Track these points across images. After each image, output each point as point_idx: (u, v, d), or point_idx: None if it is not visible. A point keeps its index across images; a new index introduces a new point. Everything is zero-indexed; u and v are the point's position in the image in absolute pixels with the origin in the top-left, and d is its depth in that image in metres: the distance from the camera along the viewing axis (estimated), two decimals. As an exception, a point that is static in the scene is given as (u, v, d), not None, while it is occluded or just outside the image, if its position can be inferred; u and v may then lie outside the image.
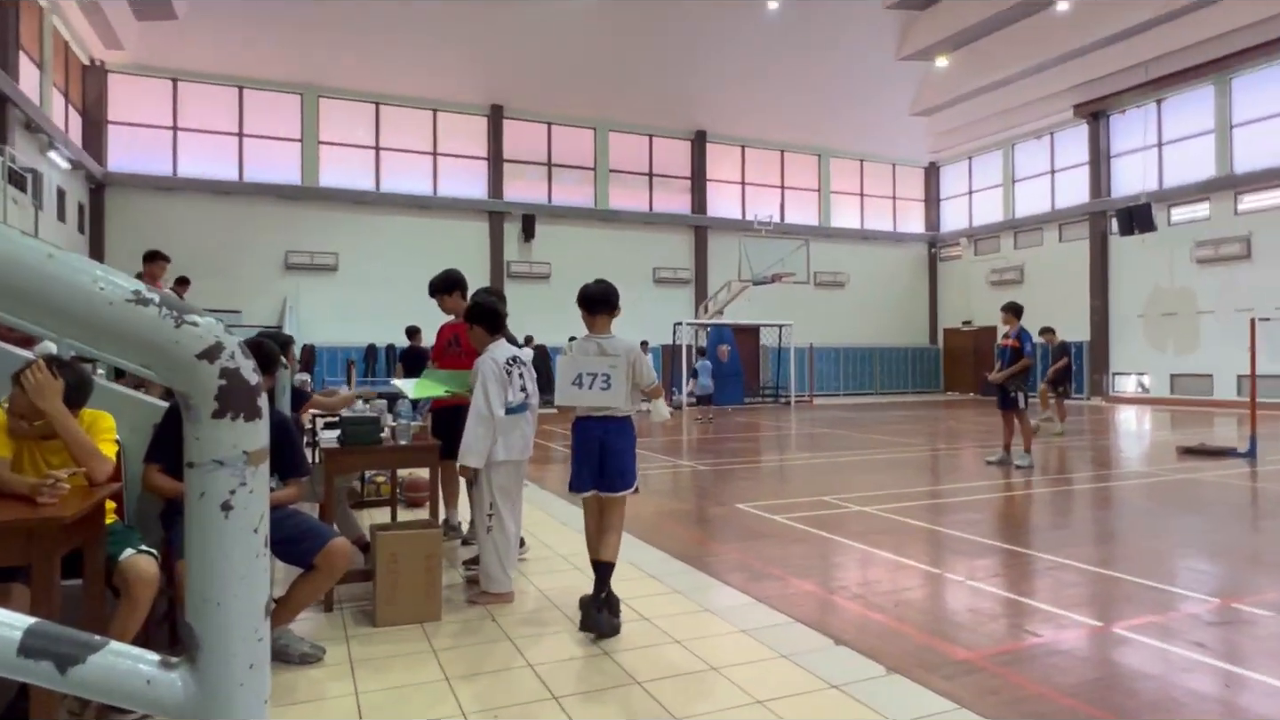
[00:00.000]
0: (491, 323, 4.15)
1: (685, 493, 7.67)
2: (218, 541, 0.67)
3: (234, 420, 0.67)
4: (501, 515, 4.00)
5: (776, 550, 5.17)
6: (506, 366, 4.04)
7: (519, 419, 4.08)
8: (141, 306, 0.64)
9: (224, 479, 0.67)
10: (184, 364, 0.66)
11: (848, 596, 4.17)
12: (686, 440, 12.86)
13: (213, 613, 0.67)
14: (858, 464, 9.30)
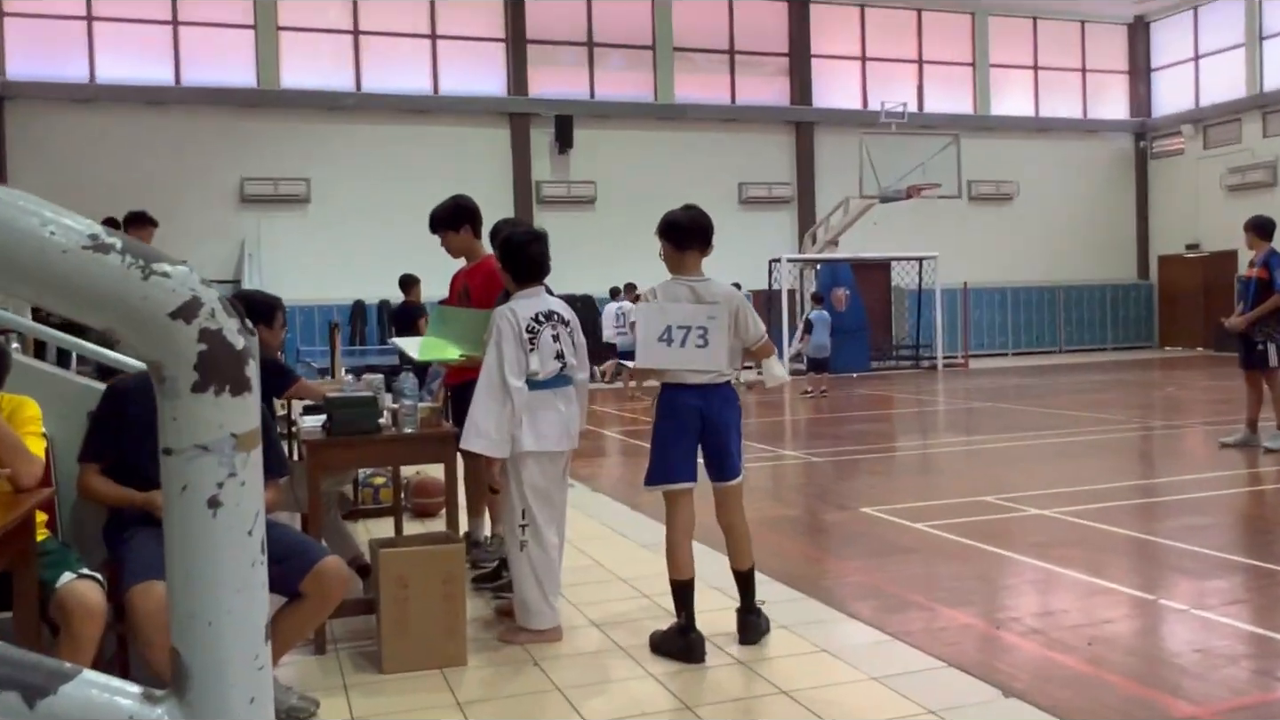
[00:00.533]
0: (523, 268, 4.19)
1: (792, 493, 7.73)
2: (206, 546, 0.73)
3: (218, 395, 0.73)
4: (538, 526, 4.06)
5: (919, 569, 5.19)
6: (531, 324, 4.06)
7: (553, 396, 4.09)
8: (101, 254, 0.70)
9: (210, 468, 0.73)
10: (154, 325, 0.72)
11: (1021, 631, 4.16)
12: (791, 421, 12.88)
13: (203, 634, 0.73)
14: (1033, 450, 9.19)
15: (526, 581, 4.06)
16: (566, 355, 4.15)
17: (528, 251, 4.18)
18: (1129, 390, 14.77)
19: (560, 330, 4.16)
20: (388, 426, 4.24)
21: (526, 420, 4.01)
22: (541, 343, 4.07)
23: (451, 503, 4.27)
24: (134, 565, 3.14)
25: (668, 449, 3.92)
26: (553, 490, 4.11)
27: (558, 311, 4.22)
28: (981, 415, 12.51)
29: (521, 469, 4.04)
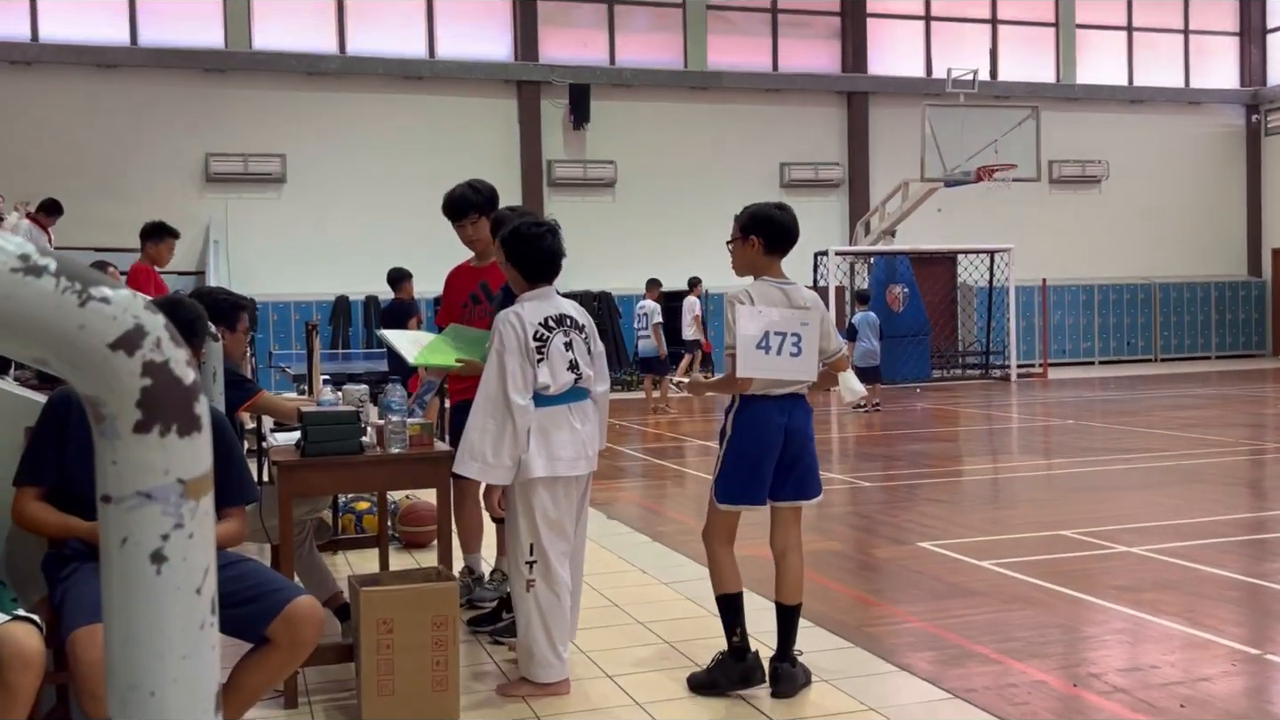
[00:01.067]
0: (535, 265, 4.17)
1: (836, 524, 7.72)
2: (148, 607, 0.75)
3: (164, 435, 0.75)
4: (548, 563, 4.07)
5: (986, 616, 5.18)
6: (540, 330, 4.08)
7: (567, 412, 4.11)
8: (33, 277, 0.72)
9: (153, 519, 0.75)
10: (92, 357, 0.74)
11: (1103, 690, 4.15)
12: (838, 439, 12.86)
13: (144, 706, 0.75)
14: (1122, 477, 9.14)
15: (532, 626, 4.07)
16: (581, 365, 4.16)
17: (541, 245, 4.19)
18: (1236, 407, 14.65)
19: (574, 337, 4.17)
20: (372, 446, 4.28)
21: (536, 441, 4.01)
22: (552, 352, 4.08)
23: (444, 533, 4.30)
24: (77, 606, 3.18)
25: (751, 468, 4.13)
26: (566, 521, 4.12)
27: (570, 315, 4.22)
28: (1062, 434, 12.45)
29: (531, 497, 4.05)
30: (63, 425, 3.47)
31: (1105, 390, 17.71)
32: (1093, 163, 23.19)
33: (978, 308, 21.25)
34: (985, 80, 20.66)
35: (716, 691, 4.14)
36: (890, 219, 19.60)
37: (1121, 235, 23.35)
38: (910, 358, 18.88)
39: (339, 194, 19.19)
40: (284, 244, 18.90)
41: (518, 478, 4.04)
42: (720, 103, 21.15)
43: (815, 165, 21.65)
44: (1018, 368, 20.01)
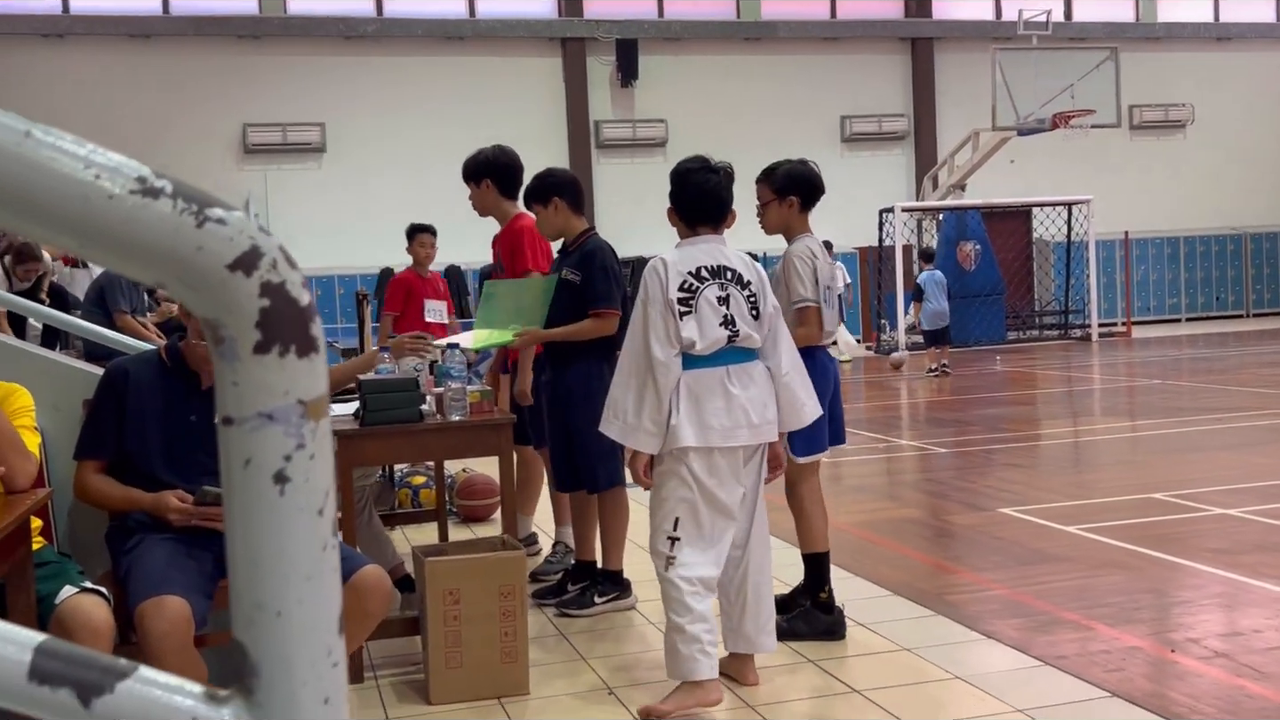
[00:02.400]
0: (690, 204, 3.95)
1: (910, 490, 7.71)
2: (273, 528, 0.78)
3: (283, 356, 0.78)
4: (697, 547, 3.73)
5: (1073, 581, 5.16)
6: (689, 279, 3.79)
7: (723, 375, 3.78)
8: (151, 199, 0.76)
9: (275, 440, 0.78)
10: (211, 278, 0.77)
11: (1202, 655, 4.12)
12: (908, 404, 12.81)
13: (271, 626, 0.79)
14: (1214, 437, 9.02)
15: (672, 614, 3.73)
16: (739, 323, 3.82)
17: (692, 180, 3.93)
18: (1336, 362, 14.37)
19: (733, 291, 3.83)
20: (431, 414, 4.34)
21: (686, 407, 3.72)
22: (701, 304, 3.77)
23: (508, 502, 4.35)
24: (143, 578, 3.27)
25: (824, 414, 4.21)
26: (725, 497, 3.77)
27: (733, 268, 3.88)
28: (1147, 395, 12.30)
29: (680, 468, 3.74)
30: (120, 398, 3.56)
31: (1193, 348, 17.44)
32: (1176, 106, 22.74)
33: (1055, 264, 20.98)
34: (1059, 21, 20.31)
35: (787, 639, 4.31)
36: (960, 172, 19.38)
37: (1208, 183, 22.90)
38: (983, 319, 18.70)
39: (380, 162, 19.33)
40: (326, 215, 19.09)
41: (666, 445, 3.74)
42: (775, 54, 20.99)
43: (878, 118, 21.44)
44: (1099, 327, 19.75)
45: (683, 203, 3.96)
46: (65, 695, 0.77)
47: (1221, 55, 23.16)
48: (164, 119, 18.61)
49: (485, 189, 5.47)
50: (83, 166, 0.75)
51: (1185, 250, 22.91)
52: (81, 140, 0.77)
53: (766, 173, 4.63)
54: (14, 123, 0.77)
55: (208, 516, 3.42)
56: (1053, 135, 18.76)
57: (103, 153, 0.77)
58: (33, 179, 0.75)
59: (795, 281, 4.43)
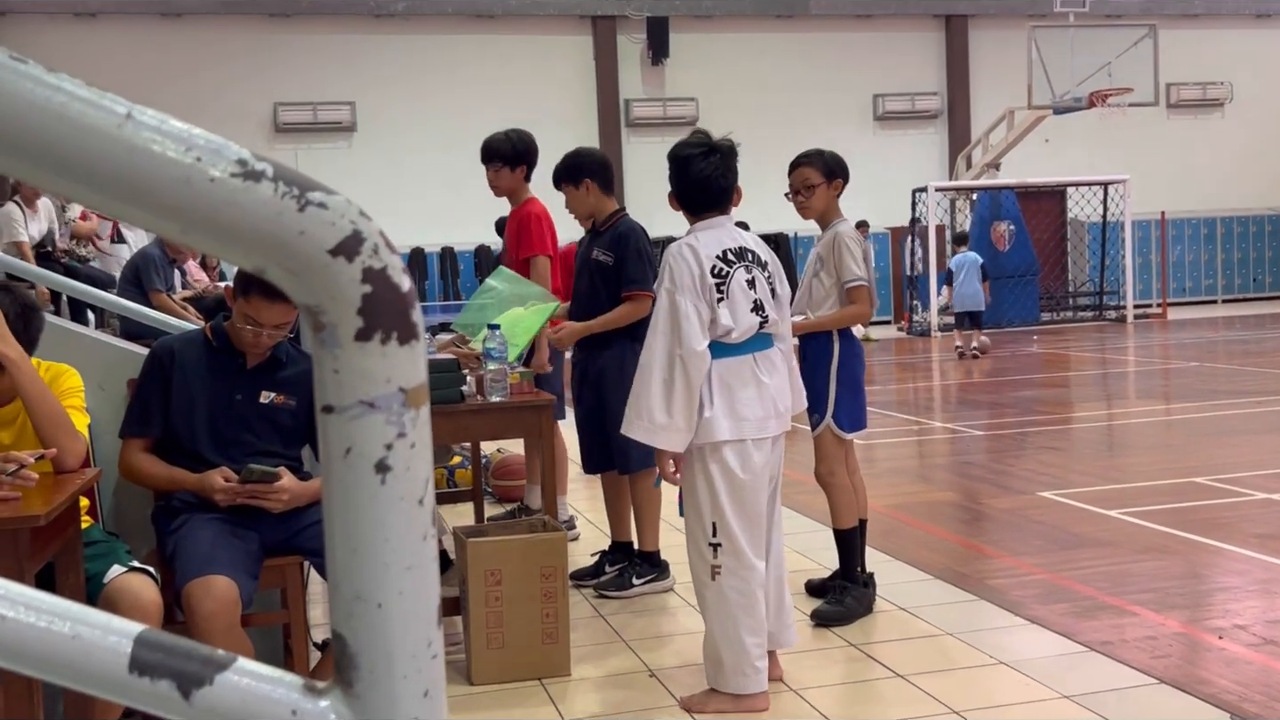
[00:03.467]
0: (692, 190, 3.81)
1: (945, 473, 7.68)
2: (374, 517, 0.77)
3: (385, 343, 0.76)
4: (738, 545, 3.58)
5: (1116, 566, 5.13)
6: (719, 263, 3.65)
7: (752, 363, 3.68)
8: (253, 183, 0.74)
9: (377, 428, 0.77)
10: (313, 264, 0.76)
11: (1250, 642, 4.09)
12: (940, 386, 12.74)
13: (372, 618, 0.78)
14: (1255, 420, 8.93)
15: (722, 625, 3.60)
16: (767, 308, 3.73)
17: (694, 166, 3.76)
18: (1377, 344, 14.20)
19: (757, 274, 3.73)
20: (471, 395, 4.34)
21: (719, 399, 3.58)
22: (733, 289, 3.64)
23: (549, 484, 4.36)
24: (190, 558, 3.29)
25: (859, 392, 4.65)
26: (760, 493, 3.66)
27: (752, 249, 3.79)
28: (1184, 377, 12.19)
29: (714, 464, 3.60)
30: (166, 376, 3.58)
31: (1230, 330, 17.27)
32: (1215, 84, 22.44)
33: (1090, 244, 20.79)
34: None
35: (847, 622, 4.42)
36: (994, 151, 19.21)
37: (1247, 163, 22.60)
38: (1017, 300, 18.57)
39: (410, 142, 19.34)
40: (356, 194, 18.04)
41: (697, 440, 3.59)
42: (807, 31, 20.85)
43: (911, 96, 21.26)
44: (1134, 308, 19.58)
45: (686, 189, 3.80)
46: (165, 687, 0.77)
47: (1261, 32, 22.82)
48: (194, 98, 18.66)
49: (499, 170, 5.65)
50: (184, 149, 0.74)
51: (1222, 231, 22.65)
52: (182, 122, 0.76)
53: (813, 156, 4.66)
54: (114, 105, 0.76)
55: (254, 495, 3.44)
56: (1089, 114, 18.56)
57: (204, 135, 0.76)
58: (135, 162, 0.74)
59: (849, 261, 4.50)
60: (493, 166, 5.68)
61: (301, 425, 3.64)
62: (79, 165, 0.75)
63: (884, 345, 17.17)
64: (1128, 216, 19.53)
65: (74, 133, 0.75)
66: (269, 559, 3.50)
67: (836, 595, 4.54)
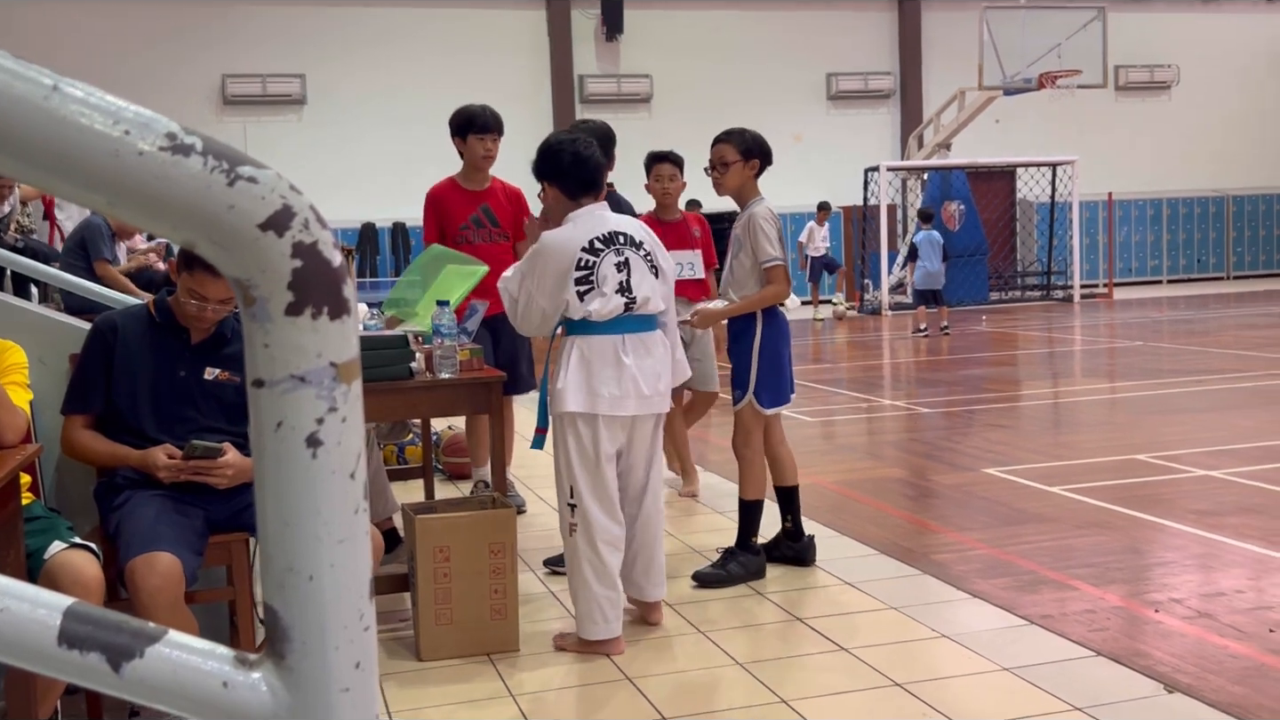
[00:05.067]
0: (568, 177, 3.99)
1: (895, 449, 7.75)
2: (306, 491, 0.78)
3: (316, 318, 0.77)
4: (587, 510, 3.92)
5: (1057, 541, 5.21)
6: (585, 256, 3.87)
7: (616, 344, 3.89)
8: (182, 156, 0.74)
9: (308, 402, 0.77)
10: (242, 238, 0.76)
11: (1185, 615, 4.17)
12: (891, 364, 12.85)
13: (303, 590, 0.78)
14: (1196, 399, 9.09)
15: (575, 575, 3.97)
16: (636, 288, 3.90)
17: (568, 152, 3.96)
18: (1315, 325, 14.48)
19: (630, 254, 3.93)
20: (421, 371, 4.33)
21: (576, 372, 3.86)
22: (599, 270, 3.87)
23: (499, 460, 4.36)
24: (133, 534, 3.27)
25: (783, 369, 4.76)
26: (607, 465, 3.94)
27: (625, 232, 3.98)
28: (1129, 356, 12.37)
29: (567, 433, 3.92)
30: (109, 352, 3.54)
31: (1174, 310, 17.54)
32: (1162, 67, 22.71)
33: (1038, 225, 21.02)
34: (1047, -20, 20.21)
35: (726, 585, 4.61)
36: (945, 131, 19.34)
37: (1192, 145, 22.92)
38: (966, 279, 18.73)
39: (362, 115, 19.15)
40: (306, 169, 18.87)
41: (553, 409, 3.94)
42: (762, 10, 20.84)
43: (864, 75, 21.34)
44: (1081, 288, 19.82)
45: (563, 177, 3.99)
46: (95, 659, 0.77)
47: (1208, 17, 23.11)
48: (141, 70, 18.37)
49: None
50: (112, 122, 0.74)
51: (1168, 212, 22.97)
52: (105, 94, 0.76)
53: (732, 134, 4.80)
54: (40, 76, 0.75)
55: (198, 471, 3.41)
56: (1038, 95, 18.73)
57: (132, 108, 0.75)
58: (62, 134, 0.74)
59: (763, 241, 4.61)
60: (497, 135, 5.76)
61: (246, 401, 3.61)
62: (4, 136, 0.74)
63: (832, 323, 17.28)
64: (1075, 197, 19.75)
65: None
66: (214, 536, 3.48)
67: (722, 560, 4.74)
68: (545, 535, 5.39)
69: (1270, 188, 23.59)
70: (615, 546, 3.97)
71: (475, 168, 5.70)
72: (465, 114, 5.69)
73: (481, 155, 5.63)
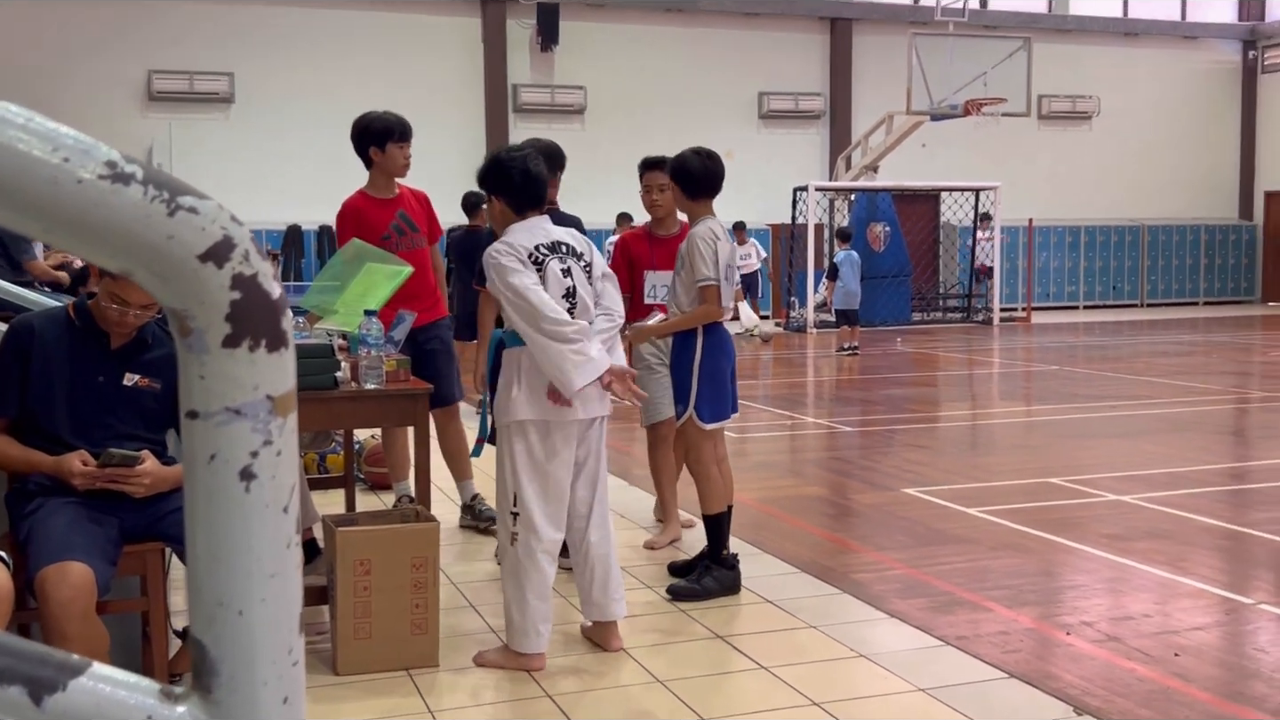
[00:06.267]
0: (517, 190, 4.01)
1: (815, 468, 7.82)
2: (237, 524, 0.77)
3: (253, 350, 0.77)
4: (532, 519, 3.91)
5: (973, 563, 5.29)
6: (535, 253, 3.91)
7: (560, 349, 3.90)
8: (121, 185, 0.74)
9: (243, 436, 0.77)
10: (182, 269, 0.75)
11: (1094, 638, 4.26)
12: (814, 382, 12.97)
13: (234, 625, 0.78)
14: (1109, 424, 9.29)
15: (513, 586, 3.94)
16: (580, 295, 4.00)
17: (526, 168, 3.99)
18: (1224, 354, 14.88)
19: (571, 263, 4.01)
20: (346, 381, 4.28)
21: (525, 380, 3.90)
22: (548, 277, 3.92)
23: (423, 472, 4.33)
24: (44, 543, 3.19)
25: (723, 384, 4.84)
26: (560, 473, 3.96)
27: (566, 242, 4.05)
28: (1046, 380, 12.61)
29: (515, 441, 3.93)
30: (25, 355, 3.45)
31: (1090, 335, 17.93)
32: (1084, 98, 23.23)
33: (961, 248, 21.35)
34: (975, 9, 20.62)
35: (701, 600, 4.63)
36: (873, 154, 19.59)
37: (1111, 175, 23.47)
38: (890, 300, 18.97)
39: (291, 116, 18.90)
40: (232, 168, 18.62)
41: (502, 419, 3.97)
42: (696, 26, 20.97)
43: (795, 95, 21.54)
44: (1000, 311, 20.17)
45: (512, 192, 4.02)
46: (16, 693, 0.76)
47: (1128, 50, 23.69)
48: (63, 63, 17.97)
49: None
50: (51, 148, 0.73)
51: (1085, 239, 23.47)
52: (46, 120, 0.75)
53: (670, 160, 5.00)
54: (-24, 99, 0.74)
55: (114, 479, 3.35)
56: (964, 121, 19.05)
57: (73, 134, 0.75)
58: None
59: (699, 262, 4.71)
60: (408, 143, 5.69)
61: (167, 409, 3.54)
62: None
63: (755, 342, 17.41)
64: (997, 222, 20.11)
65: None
66: (129, 545, 3.41)
67: (698, 575, 4.76)
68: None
69: (1184, 218, 24.22)
70: (553, 555, 3.99)
71: (391, 176, 5.59)
72: (383, 122, 5.54)
73: (402, 164, 5.56)
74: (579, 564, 4.11)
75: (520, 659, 3.92)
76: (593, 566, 4.08)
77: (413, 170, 5.74)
